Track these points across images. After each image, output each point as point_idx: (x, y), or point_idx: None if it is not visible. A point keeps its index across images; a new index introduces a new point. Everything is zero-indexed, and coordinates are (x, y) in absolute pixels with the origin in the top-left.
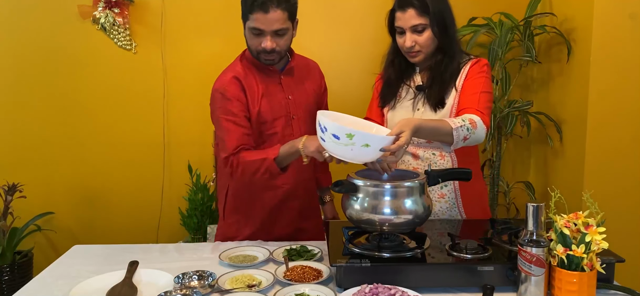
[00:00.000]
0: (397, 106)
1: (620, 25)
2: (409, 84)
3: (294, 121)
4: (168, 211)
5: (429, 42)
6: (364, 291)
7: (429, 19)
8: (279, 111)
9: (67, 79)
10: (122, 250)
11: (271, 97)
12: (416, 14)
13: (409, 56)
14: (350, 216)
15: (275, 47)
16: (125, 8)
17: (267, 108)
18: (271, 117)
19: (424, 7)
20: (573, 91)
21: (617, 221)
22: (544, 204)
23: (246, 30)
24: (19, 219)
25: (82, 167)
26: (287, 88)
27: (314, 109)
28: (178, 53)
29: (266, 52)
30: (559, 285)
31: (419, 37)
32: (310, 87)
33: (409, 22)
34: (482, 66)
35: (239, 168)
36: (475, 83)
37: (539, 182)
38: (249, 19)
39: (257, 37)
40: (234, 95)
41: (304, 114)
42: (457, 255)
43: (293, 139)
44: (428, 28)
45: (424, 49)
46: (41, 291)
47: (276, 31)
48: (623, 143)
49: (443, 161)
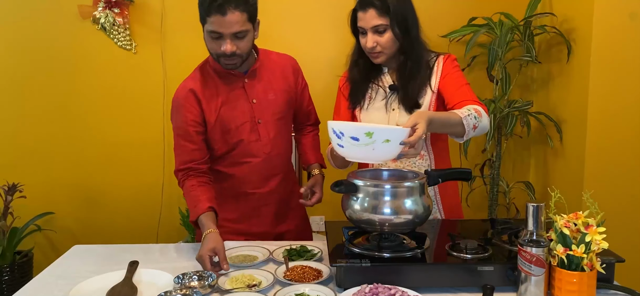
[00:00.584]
0: (370, 107)
1: (620, 25)
2: (378, 84)
3: (260, 126)
4: (168, 211)
5: (390, 43)
6: (364, 291)
7: (390, 19)
8: (242, 118)
9: (67, 79)
10: (122, 250)
11: (233, 104)
12: (376, 14)
13: (371, 57)
14: (350, 216)
15: (236, 50)
16: (125, 8)
17: (229, 116)
18: (234, 125)
19: (384, 7)
20: (573, 91)
21: (617, 221)
22: (544, 204)
23: (205, 34)
24: (19, 219)
25: (82, 167)
26: (251, 92)
27: (284, 110)
28: (178, 53)
29: (226, 56)
30: (559, 285)
31: (380, 37)
32: (279, 87)
33: (369, 22)
34: (453, 60)
35: (182, 188)
36: (455, 77)
37: (539, 182)
38: (207, 22)
39: (216, 40)
40: (187, 109)
41: (271, 117)
42: (457, 255)
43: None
44: (389, 29)
45: (385, 50)
46: (41, 291)
47: (235, 34)
48: (623, 143)
49: (422, 160)
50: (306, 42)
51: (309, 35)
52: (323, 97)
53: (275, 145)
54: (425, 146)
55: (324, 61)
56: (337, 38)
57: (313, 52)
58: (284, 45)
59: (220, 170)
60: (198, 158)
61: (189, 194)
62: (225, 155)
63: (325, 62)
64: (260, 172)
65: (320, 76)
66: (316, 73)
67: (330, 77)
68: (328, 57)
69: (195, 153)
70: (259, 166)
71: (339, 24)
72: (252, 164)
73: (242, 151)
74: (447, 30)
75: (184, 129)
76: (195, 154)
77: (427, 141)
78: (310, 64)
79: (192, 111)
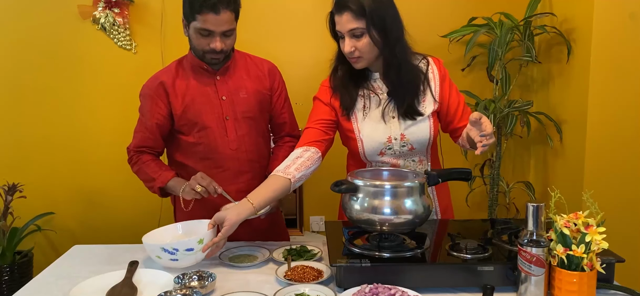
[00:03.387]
0: (367, 118)
1: (620, 25)
2: (370, 90)
3: (228, 122)
4: (168, 211)
5: (369, 47)
6: (364, 291)
7: (366, 22)
8: (209, 114)
9: (67, 79)
10: (122, 250)
11: (203, 99)
12: (352, 17)
13: (351, 62)
14: (350, 216)
15: (224, 47)
16: (125, 8)
17: (196, 111)
18: (201, 120)
19: (360, 10)
20: (573, 91)
21: (617, 221)
22: (544, 204)
23: (191, 31)
24: (19, 219)
25: (82, 167)
26: (221, 89)
27: (255, 110)
28: (178, 53)
29: (215, 52)
30: (559, 285)
31: (358, 42)
32: (252, 87)
33: (345, 26)
34: (441, 64)
35: (135, 165)
36: (454, 91)
37: (539, 182)
38: (197, 19)
39: (205, 38)
40: (154, 101)
41: (240, 115)
42: (457, 255)
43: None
44: (366, 32)
45: (364, 55)
46: (41, 291)
47: (224, 32)
48: (623, 143)
49: (421, 165)
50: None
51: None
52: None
53: (243, 142)
54: (424, 151)
55: (307, 67)
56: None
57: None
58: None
59: (187, 164)
60: (152, 146)
61: (149, 166)
62: (193, 148)
63: (308, 68)
64: (227, 168)
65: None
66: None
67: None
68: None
69: (151, 141)
70: (227, 163)
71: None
72: (218, 160)
73: (209, 146)
74: (447, 30)
75: (147, 118)
76: (151, 142)
77: (427, 147)
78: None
79: (158, 104)
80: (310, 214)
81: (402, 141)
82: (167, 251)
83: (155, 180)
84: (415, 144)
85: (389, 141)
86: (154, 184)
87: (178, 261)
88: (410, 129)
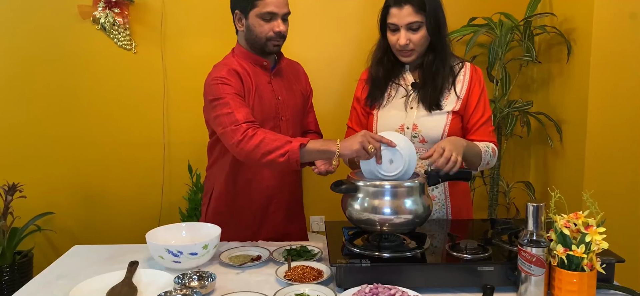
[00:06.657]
0: (388, 105)
1: (620, 25)
2: (398, 82)
3: (283, 123)
4: (168, 211)
5: (423, 40)
6: (364, 291)
7: (425, 17)
8: (268, 112)
9: (67, 79)
10: (122, 250)
11: (262, 97)
12: (413, 11)
13: (401, 55)
14: (350, 216)
15: (286, 31)
16: (125, 8)
17: (259, 107)
18: (261, 117)
19: (421, 4)
20: (573, 91)
21: (617, 221)
22: (544, 204)
23: (252, 20)
24: (19, 219)
25: (82, 167)
26: (277, 89)
27: (301, 111)
28: (178, 53)
29: (280, 36)
30: (559, 285)
31: (414, 35)
32: (297, 89)
33: (405, 19)
34: (480, 76)
35: (253, 139)
36: (482, 104)
37: (539, 182)
38: (257, 5)
39: (268, 22)
40: (232, 83)
41: (292, 116)
42: (457, 255)
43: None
44: (423, 26)
45: (417, 48)
46: (41, 291)
47: (284, 15)
48: (623, 143)
49: None
50: (306, 45)
51: (310, 37)
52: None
53: None
54: None
55: (324, 62)
56: (339, 40)
57: (313, 55)
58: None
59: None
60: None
61: (273, 133)
62: None
63: (325, 63)
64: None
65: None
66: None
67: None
68: (328, 59)
69: (252, 116)
70: None
71: (340, 25)
72: None
73: None
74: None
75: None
76: (252, 117)
77: None
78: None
79: (240, 86)
80: (310, 214)
81: (414, 131)
82: (171, 253)
83: (292, 142)
84: (426, 137)
85: (401, 128)
86: (292, 145)
87: (181, 263)
88: (423, 120)
